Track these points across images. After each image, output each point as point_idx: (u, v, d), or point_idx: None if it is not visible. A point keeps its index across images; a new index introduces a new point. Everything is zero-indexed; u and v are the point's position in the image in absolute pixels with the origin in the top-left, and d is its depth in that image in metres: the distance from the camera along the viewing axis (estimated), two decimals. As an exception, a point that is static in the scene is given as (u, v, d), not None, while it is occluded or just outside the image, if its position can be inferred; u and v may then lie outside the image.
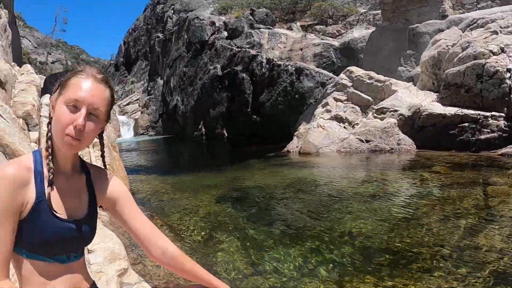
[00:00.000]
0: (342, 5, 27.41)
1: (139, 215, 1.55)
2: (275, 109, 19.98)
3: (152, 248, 1.51)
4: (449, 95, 11.29)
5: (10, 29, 10.20)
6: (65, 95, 1.35)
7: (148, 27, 42.69)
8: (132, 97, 36.53)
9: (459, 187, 6.86)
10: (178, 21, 31.69)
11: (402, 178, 8.18)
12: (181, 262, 1.53)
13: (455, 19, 15.41)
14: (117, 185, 1.56)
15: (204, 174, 10.54)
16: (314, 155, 11.52)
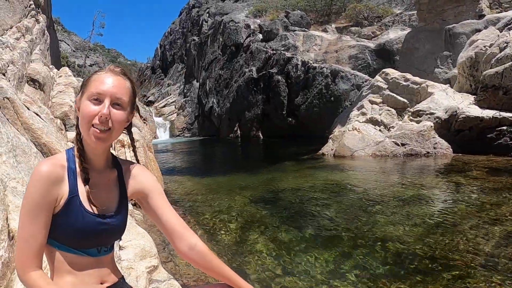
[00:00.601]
0: (377, 6, 27.18)
1: (169, 209, 1.60)
2: (310, 112, 20.04)
3: (180, 243, 1.56)
4: (486, 98, 10.98)
5: (48, 33, 10.61)
6: (87, 92, 1.44)
7: (184, 31, 43.32)
8: (168, 99, 37.11)
9: (496, 193, 6.72)
10: (213, 24, 32.08)
11: (438, 183, 8.10)
12: (209, 260, 1.56)
13: (493, 19, 15.06)
14: (149, 179, 1.63)
15: (238, 176, 10.67)
16: (348, 158, 11.53)
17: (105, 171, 1.56)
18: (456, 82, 13.68)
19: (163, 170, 12.23)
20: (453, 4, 17.31)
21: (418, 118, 11.80)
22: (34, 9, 9.89)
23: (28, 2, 9.52)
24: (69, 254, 1.43)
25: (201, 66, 32.14)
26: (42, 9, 10.55)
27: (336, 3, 28.97)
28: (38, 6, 10.25)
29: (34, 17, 9.72)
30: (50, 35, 11.07)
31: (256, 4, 31.95)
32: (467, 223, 5.44)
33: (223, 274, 1.57)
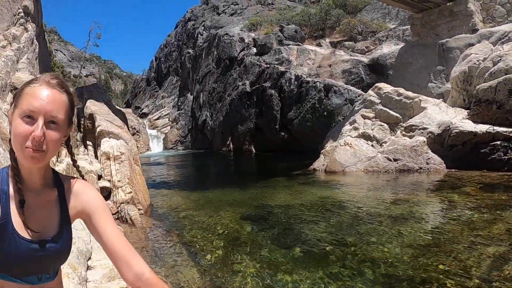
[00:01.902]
0: (371, 21, 27.32)
1: (114, 231, 1.41)
2: (303, 126, 19.93)
3: (125, 270, 1.35)
4: (480, 112, 10.81)
5: (37, 42, 10.43)
6: (20, 107, 1.26)
7: (179, 43, 43.49)
8: (162, 112, 37.11)
9: (490, 210, 6.57)
10: (208, 38, 32.14)
11: (431, 200, 7.94)
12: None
13: (486, 33, 15.06)
14: (93, 197, 1.45)
15: (227, 191, 10.48)
16: (340, 174, 11.35)
17: (44, 191, 1.37)
18: (450, 97, 13.61)
19: (153, 183, 12.07)
20: (446, 19, 17.37)
21: (410, 133, 11.65)
22: (23, 17, 9.73)
23: (17, 10, 9.37)
24: (7, 282, 1.26)
25: (195, 79, 32.13)
26: (31, 18, 10.38)
27: (330, 18, 29.09)
28: (28, 14, 10.07)
29: (23, 25, 9.57)
30: (39, 44, 10.89)
31: (251, 18, 32.07)
32: (460, 243, 5.28)
33: None
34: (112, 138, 7.65)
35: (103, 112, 8.43)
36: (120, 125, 8.17)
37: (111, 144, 7.42)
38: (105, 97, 10.32)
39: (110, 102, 10.11)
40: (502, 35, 14.05)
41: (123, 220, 6.43)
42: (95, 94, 9.74)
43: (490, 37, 14.39)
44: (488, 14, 17.98)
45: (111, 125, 7.92)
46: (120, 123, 8.37)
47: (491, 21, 17.68)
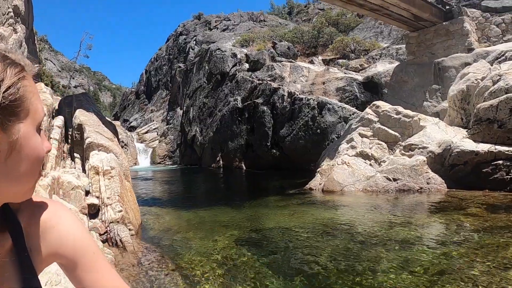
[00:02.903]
0: (364, 39, 27.30)
1: (111, 276, 0.96)
2: (295, 144, 19.56)
3: None
4: (480, 131, 10.66)
5: (26, 45, 9.98)
6: (31, 116, 0.81)
7: (170, 57, 43.29)
8: (151, 126, 36.74)
9: (500, 232, 6.22)
10: (199, 52, 31.87)
11: (436, 222, 7.56)
12: None
13: (482, 52, 15.09)
14: (70, 233, 0.94)
15: (221, 210, 10.00)
16: (338, 194, 10.94)
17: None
18: (447, 116, 13.46)
19: (142, 200, 11.55)
20: (442, 38, 17.36)
21: (410, 152, 11.36)
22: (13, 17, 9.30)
23: (7, 9, 8.94)
24: None
25: (186, 93, 31.76)
26: (21, 19, 9.93)
27: (323, 35, 29.07)
28: (18, 15, 9.63)
29: (12, 26, 9.13)
30: (28, 48, 10.44)
31: (244, 34, 31.95)
32: (474, 268, 4.88)
33: None
34: (102, 151, 7.16)
35: (92, 123, 7.95)
36: (110, 138, 7.70)
37: (101, 158, 6.92)
38: (95, 107, 9.84)
39: (100, 112, 9.63)
40: (499, 54, 14.07)
41: (113, 242, 5.89)
42: (85, 103, 9.25)
43: (486, 57, 14.42)
44: (483, 34, 18.07)
45: (101, 137, 7.44)
46: (111, 135, 7.90)
47: (486, 41, 17.76)
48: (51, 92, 8.84)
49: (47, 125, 6.76)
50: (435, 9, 17.32)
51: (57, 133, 7.40)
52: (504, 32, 17.90)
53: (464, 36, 16.64)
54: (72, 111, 8.65)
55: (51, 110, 8.03)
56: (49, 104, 7.42)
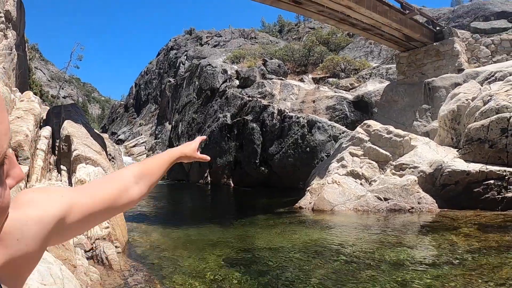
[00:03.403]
0: (354, 59, 27.48)
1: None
2: (284, 162, 19.43)
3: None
4: (472, 151, 10.72)
5: (16, 52, 9.78)
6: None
7: (160, 71, 43.25)
8: (139, 139, 36.51)
9: (494, 252, 6.13)
10: (190, 67, 31.82)
11: (429, 242, 7.45)
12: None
13: (472, 73, 15.25)
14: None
15: (209, 229, 9.77)
16: (328, 213, 10.78)
17: None
18: (437, 135, 13.50)
19: (129, 216, 11.28)
20: (432, 58, 17.52)
21: (401, 171, 11.30)
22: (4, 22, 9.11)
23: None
24: None
25: (175, 108, 31.58)
26: (13, 25, 9.73)
27: (313, 54, 29.20)
28: (9, 20, 9.43)
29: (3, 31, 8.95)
30: (18, 55, 10.23)
31: (234, 51, 31.99)
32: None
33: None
34: (90, 164, 6.95)
35: (81, 135, 7.74)
36: (98, 151, 7.49)
37: (88, 171, 6.70)
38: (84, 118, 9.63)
39: (89, 124, 9.42)
40: (489, 74, 14.22)
41: (98, 260, 5.65)
42: (74, 114, 9.04)
43: (476, 77, 14.57)
44: (473, 54, 18.29)
45: (89, 150, 7.23)
46: (99, 148, 7.69)
47: (476, 62, 17.98)
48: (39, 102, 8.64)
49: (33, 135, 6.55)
50: (426, 29, 17.48)
51: (44, 144, 7.20)
52: (493, 53, 18.12)
53: (454, 57, 16.79)
54: (61, 122, 8.43)
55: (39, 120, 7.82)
56: (37, 114, 7.22)
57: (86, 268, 4.68)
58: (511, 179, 9.51)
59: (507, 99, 10.62)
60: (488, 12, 20.28)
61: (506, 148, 10.04)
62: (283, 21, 53.99)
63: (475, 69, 15.99)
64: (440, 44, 17.38)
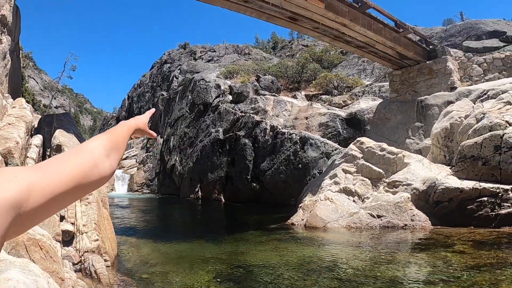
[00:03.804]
0: (347, 76, 27.62)
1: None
2: (276, 178, 19.35)
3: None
4: (465, 168, 10.75)
5: (10, 58, 9.66)
6: None
7: (154, 85, 43.26)
8: (130, 152, 36.32)
9: (489, 269, 6.06)
10: (183, 81, 31.81)
11: (423, 259, 7.35)
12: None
13: (464, 91, 15.40)
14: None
15: (199, 244, 9.61)
16: (321, 230, 10.65)
17: None
18: (430, 153, 13.55)
19: (119, 229, 11.11)
20: (425, 77, 17.66)
21: (394, 189, 11.27)
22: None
23: (-7, 18, 8.66)
24: None
25: (167, 122, 31.47)
26: (8, 31, 9.62)
27: (306, 71, 29.31)
28: (4, 25, 9.32)
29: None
30: (12, 61, 10.10)
31: (228, 66, 32.07)
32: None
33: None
34: (80, 175, 6.82)
35: (72, 144, 7.59)
36: (89, 162, 7.36)
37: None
38: (76, 128, 9.49)
39: (80, 135, 9.28)
40: (481, 93, 14.36)
41: (87, 273, 5.48)
42: (66, 124, 8.90)
43: (469, 95, 14.72)
44: (466, 73, 18.46)
45: (80, 160, 7.09)
46: (90, 159, 7.57)
47: (469, 80, 18.15)
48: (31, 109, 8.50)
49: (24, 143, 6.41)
50: (419, 48, 17.60)
51: (34, 153, 7.05)
52: (485, 72, 18.30)
53: (447, 75, 16.91)
54: (52, 131, 8.29)
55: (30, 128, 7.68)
56: (28, 121, 7.09)
57: (74, 281, 4.53)
58: (504, 196, 9.54)
59: (500, 117, 10.73)
60: (480, 31, 20.49)
61: (500, 165, 10.08)
62: (276, 38, 54.36)
63: (467, 87, 16.13)
64: (433, 63, 17.51)
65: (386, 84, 21.52)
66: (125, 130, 1.12)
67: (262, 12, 13.29)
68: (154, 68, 46.84)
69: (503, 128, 10.35)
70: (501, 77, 17.37)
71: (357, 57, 28.69)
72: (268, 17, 13.62)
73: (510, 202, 9.44)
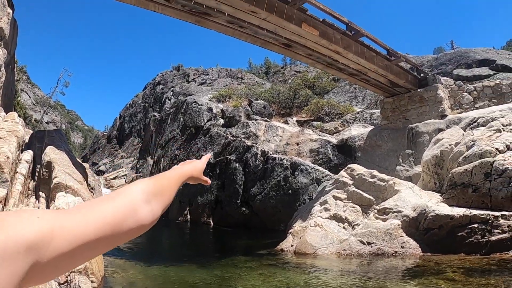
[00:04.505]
0: (339, 103, 27.84)
1: None
2: (266, 203, 19.22)
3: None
4: (455, 195, 10.81)
5: (5, 71, 9.62)
6: None
7: (146, 105, 43.32)
8: (120, 172, 36.13)
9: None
10: (176, 103, 31.89)
11: (414, 287, 7.32)
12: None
13: (454, 119, 15.57)
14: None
15: (187, 268, 9.45)
16: (311, 257, 10.51)
17: None
18: (420, 180, 13.62)
19: (104, 251, 10.90)
20: (416, 104, 17.85)
21: (384, 216, 11.25)
22: (-4, 39, 9.01)
23: (-10, 30, 8.66)
24: None
25: (158, 143, 31.40)
26: (4, 43, 9.60)
27: (299, 97, 29.52)
28: (1, 38, 9.31)
29: (-7, 48, 8.83)
30: (7, 74, 10.06)
31: (221, 90, 32.22)
32: None
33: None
34: (70, 193, 6.72)
35: (63, 162, 7.51)
36: (80, 180, 7.28)
37: (67, 201, 6.47)
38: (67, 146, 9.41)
39: (71, 152, 9.20)
40: (471, 120, 14.53)
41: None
42: (57, 140, 8.83)
43: (459, 123, 14.89)
44: (456, 101, 18.72)
45: (70, 178, 7.01)
46: (80, 178, 7.48)
47: (459, 108, 18.39)
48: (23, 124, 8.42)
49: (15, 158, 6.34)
50: (410, 76, 17.83)
51: (24, 168, 6.97)
52: (475, 99, 18.56)
53: (438, 103, 17.11)
54: (43, 147, 8.21)
55: (22, 143, 7.59)
56: (20, 136, 7.01)
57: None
58: (495, 223, 9.56)
59: (490, 144, 10.88)
60: (470, 59, 20.87)
61: (490, 192, 10.14)
62: (269, 63, 54.92)
63: (458, 115, 16.32)
64: (424, 91, 17.73)
65: (377, 111, 21.71)
66: (176, 176, 1.08)
67: (257, 38, 13.45)
68: (147, 89, 47.01)
69: (493, 155, 10.47)
70: (491, 104, 17.61)
71: (349, 84, 28.99)
72: (263, 42, 13.77)
73: (501, 228, 9.46)
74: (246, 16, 11.87)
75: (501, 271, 7.82)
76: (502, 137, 11.33)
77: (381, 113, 19.91)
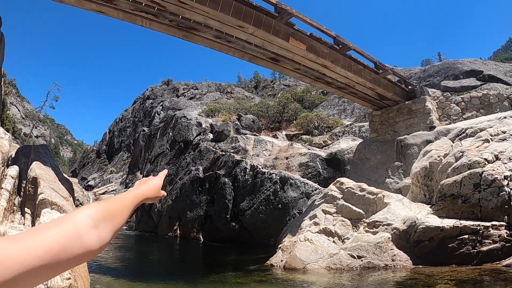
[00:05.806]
0: (328, 116, 27.96)
1: None
2: (255, 218, 19.13)
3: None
4: (445, 207, 10.81)
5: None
6: None
7: (135, 120, 43.27)
8: (109, 187, 35.90)
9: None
10: (165, 118, 31.86)
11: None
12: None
13: (443, 130, 15.66)
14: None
15: (176, 284, 9.31)
16: (301, 272, 10.38)
17: None
18: (409, 192, 13.64)
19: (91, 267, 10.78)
20: (404, 116, 17.96)
21: (374, 229, 11.22)
22: (-18, 52, 8.92)
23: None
24: None
25: (147, 158, 31.27)
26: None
27: (287, 111, 29.61)
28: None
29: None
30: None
31: (210, 104, 32.27)
32: None
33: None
34: (55, 210, 6.62)
35: (49, 178, 7.42)
36: (66, 196, 7.18)
37: (53, 217, 6.36)
38: (54, 161, 9.31)
39: (58, 168, 9.10)
40: (460, 131, 14.62)
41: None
42: (43, 156, 8.73)
43: (447, 134, 14.98)
44: (444, 112, 18.87)
45: (56, 194, 6.91)
46: (66, 194, 7.39)
47: (447, 119, 18.53)
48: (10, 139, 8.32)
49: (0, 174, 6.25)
50: (398, 88, 17.96)
51: (9, 184, 6.87)
52: (463, 110, 18.72)
53: (426, 115, 17.22)
54: (29, 162, 8.11)
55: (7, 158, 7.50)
56: (5, 152, 6.93)
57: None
58: (485, 233, 9.57)
59: (479, 155, 10.91)
60: (458, 71, 21.08)
61: (479, 202, 10.14)
62: (259, 77, 55.11)
63: (446, 126, 16.41)
64: (412, 103, 17.86)
65: (366, 124, 21.83)
66: (130, 198, 1.04)
67: (245, 53, 13.50)
68: (137, 103, 46.99)
69: (482, 165, 10.50)
70: (479, 115, 17.75)
71: (338, 97, 29.15)
72: (251, 57, 13.82)
73: (491, 238, 9.48)
74: (234, 31, 11.92)
75: (493, 282, 7.82)
76: (491, 147, 11.40)
77: (369, 126, 20.01)
